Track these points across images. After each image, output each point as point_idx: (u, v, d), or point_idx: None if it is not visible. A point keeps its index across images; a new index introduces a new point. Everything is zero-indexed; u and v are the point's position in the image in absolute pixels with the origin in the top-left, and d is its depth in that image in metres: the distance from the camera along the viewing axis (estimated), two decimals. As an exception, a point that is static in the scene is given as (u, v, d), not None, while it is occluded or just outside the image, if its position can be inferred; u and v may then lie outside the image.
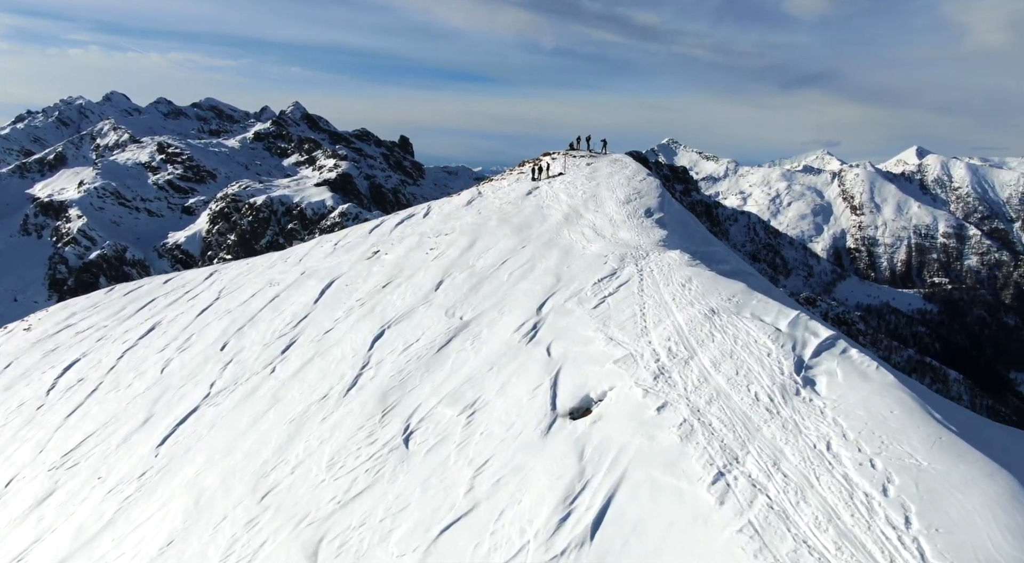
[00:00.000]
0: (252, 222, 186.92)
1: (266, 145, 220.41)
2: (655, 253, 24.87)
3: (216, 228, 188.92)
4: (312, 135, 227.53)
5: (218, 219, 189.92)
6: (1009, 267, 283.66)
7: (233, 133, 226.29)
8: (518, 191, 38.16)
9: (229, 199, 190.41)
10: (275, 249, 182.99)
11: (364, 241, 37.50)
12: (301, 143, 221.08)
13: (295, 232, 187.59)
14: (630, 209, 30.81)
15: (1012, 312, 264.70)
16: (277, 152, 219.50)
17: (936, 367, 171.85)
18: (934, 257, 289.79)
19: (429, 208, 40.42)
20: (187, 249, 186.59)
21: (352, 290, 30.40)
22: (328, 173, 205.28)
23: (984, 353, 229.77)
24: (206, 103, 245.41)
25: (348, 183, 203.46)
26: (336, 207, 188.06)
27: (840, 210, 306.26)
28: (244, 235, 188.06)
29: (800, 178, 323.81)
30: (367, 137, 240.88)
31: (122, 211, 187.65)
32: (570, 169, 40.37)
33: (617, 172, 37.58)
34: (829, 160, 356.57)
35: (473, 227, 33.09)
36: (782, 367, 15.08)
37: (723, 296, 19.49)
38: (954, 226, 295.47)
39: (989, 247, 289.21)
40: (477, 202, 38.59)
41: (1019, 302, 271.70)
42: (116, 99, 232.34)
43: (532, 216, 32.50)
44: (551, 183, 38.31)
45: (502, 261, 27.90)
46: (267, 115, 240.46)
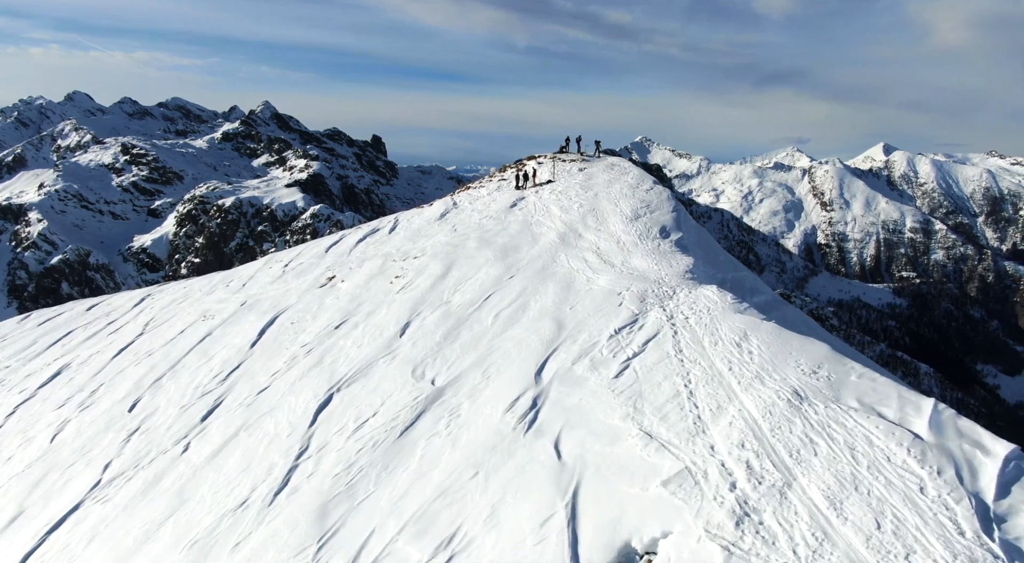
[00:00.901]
0: (221, 224, 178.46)
1: (235, 145, 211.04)
2: (684, 289, 18.74)
3: (183, 231, 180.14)
4: (282, 135, 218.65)
5: (185, 222, 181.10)
6: (974, 261, 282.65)
7: (201, 133, 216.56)
8: (500, 202, 31.91)
9: (197, 201, 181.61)
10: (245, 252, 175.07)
11: (318, 263, 30.95)
12: (271, 143, 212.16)
13: (265, 234, 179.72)
14: (640, 227, 24.71)
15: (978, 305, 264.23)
16: (246, 152, 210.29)
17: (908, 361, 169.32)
18: (902, 252, 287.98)
19: (396, 222, 33.96)
20: (153, 252, 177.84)
21: (298, 330, 23.92)
22: (299, 174, 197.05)
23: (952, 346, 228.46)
24: (173, 103, 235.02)
25: (320, 184, 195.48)
26: (307, 208, 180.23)
27: (811, 206, 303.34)
28: (213, 238, 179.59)
29: (771, 175, 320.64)
30: (339, 137, 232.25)
31: (85, 214, 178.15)
32: (560, 175, 34.28)
33: (617, 179, 31.50)
34: (799, 157, 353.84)
35: (448, 249, 26.75)
36: (956, 519, 9.00)
37: (803, 365, 13.40)
38: (921, 221, 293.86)
39: (954, 241, 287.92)
40: (452, 215, 32.23)
41: (984, 295, 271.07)
42: (79, 99, 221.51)
43: (520, 235, 26.26)
44: (539, 193, 32.11)
45: (484, 296, 21.60)
46: (236, 115, 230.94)
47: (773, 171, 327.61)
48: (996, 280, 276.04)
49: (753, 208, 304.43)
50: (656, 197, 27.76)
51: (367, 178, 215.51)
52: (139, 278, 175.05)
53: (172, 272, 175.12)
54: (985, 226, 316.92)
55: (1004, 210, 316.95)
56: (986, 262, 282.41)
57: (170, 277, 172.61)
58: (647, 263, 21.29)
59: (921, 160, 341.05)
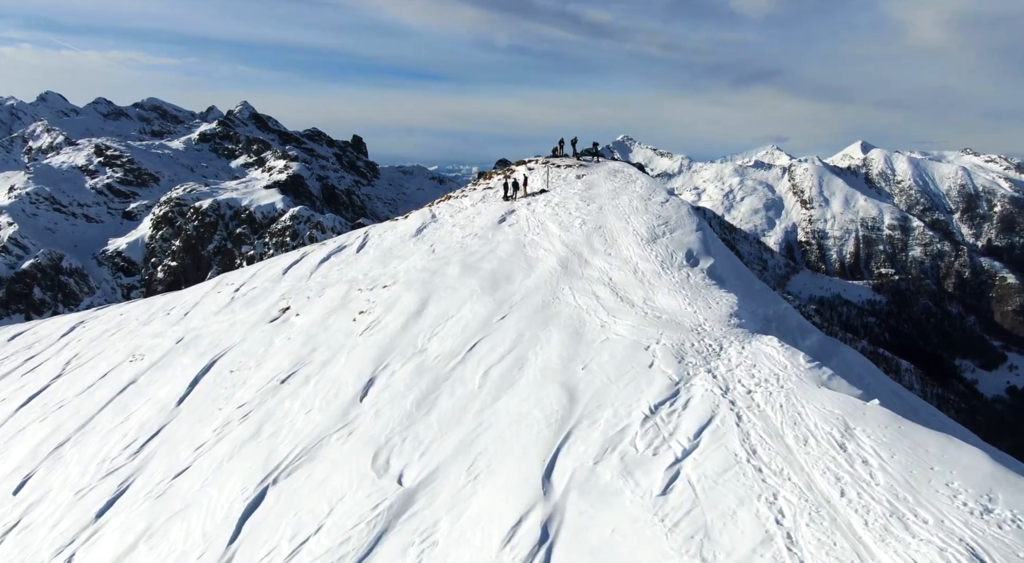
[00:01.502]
0: (198, 227, 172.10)
1: (213, 146, 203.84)
2: (734, 342, 13.86)
3: (160, 234, 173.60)
4: (261, 135, 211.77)
5: (162, 224, 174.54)
6: (951, 257, 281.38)
7: (177, 134, 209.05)
8: (486, 216, 26.90)
9: (173, 203, 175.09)
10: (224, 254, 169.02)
11: (273, 288, 25.78)
12: (250, 144, 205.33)
13: (244, 236, 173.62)
14: (661, 251, 19.83)
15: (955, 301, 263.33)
16: (224, 153, 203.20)
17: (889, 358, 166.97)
18: (881, 249, 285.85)
19: (366, 237, 28.84)
20: (129, 256, 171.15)
21: (237, 381, 18.81)
22: (278, 175, 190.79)
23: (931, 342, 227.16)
24: (149, 103, 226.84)
25: (299, 184, 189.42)
26: (287, 210, 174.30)
27: (791, 204, 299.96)
28: (190, 240, 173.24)
29: (752, 173, 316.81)
30: (319, 137, 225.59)
31: (57, 217, 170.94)
32: (555, 184, 29.43)
33: (623, 189, 26.61)
34: (779, 155, 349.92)
35: (424, 276, 21.72)
36: None
37: (962, 492, 8.57)
38: (898, 218, 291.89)
39: (932, 238, 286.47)
40: (430, 231, 27.17)
41: (961, 291, 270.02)
42: (51, 99, 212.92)
43: (512, 260, 21.30)
44: (531, 204, 27.13)
45: (469, 343, 16.60)
46: (214, 115, 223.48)
47: (754, 169, 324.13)
48: (972, 276, 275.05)
49: (734, 206, 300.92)
50: (675, 212, 22.88)
51: (348, 179, 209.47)
52: (114, 282, 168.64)
53: (148, 276, 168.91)
54: (961, 223, 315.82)
55: (979, 207, 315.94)
56: (962, 258, 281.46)
57: (146, 281, 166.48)
58: (677, 301, 16.37)
59: (898, 158, 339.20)
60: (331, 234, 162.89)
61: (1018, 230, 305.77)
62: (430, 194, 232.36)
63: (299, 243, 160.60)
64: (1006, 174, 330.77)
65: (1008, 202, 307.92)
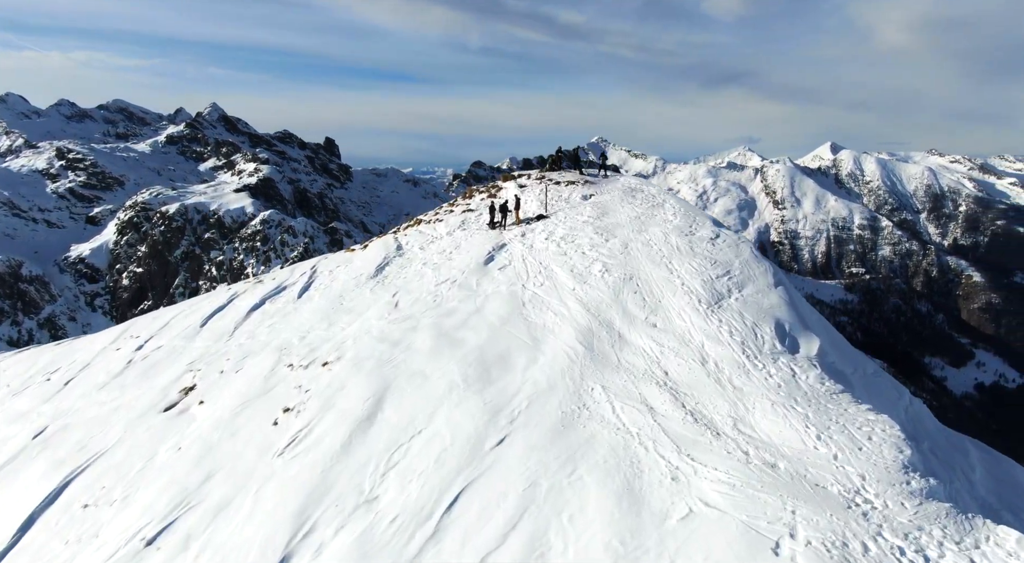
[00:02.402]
0: (165, 232, 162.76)
1: (180, 149, 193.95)
2: (943, 540, 7.23)
3: (125, 239, 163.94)
4: (231, 138, 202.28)
5: (127, 229, 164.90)
6: (918, 256, 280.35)
7: (144, 136, 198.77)
8: (468, 253, 19.98)
9: (139, 207, 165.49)
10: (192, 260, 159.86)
11: (184, 349, 18.67)
12: (219, 146, 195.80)
13: (213, 242, 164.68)
14: (735, 322, 13.07)
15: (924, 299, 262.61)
16: (193, 156, 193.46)
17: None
18: (851, 248, 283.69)
19: (312, 276, 21.81)
20: (92, 262, 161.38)
21: (86, 531, 11.79)
22: (248, 178, 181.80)
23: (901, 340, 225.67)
24: (114, 105, 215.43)
25: (270, 188, 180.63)
26: (257, 214, 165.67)
27: (763, 205, 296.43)
28: (156, 246, 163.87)
29: (725, 174, 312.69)
30: (290, 139, 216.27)
31: (16, 222, 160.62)
32: (556, 206, 22.75)
33: (650, 217, 19.98)
34: (751, 156, 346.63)
35: (382, 347, 14.79)
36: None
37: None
38: (868, 218, 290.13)
39: (900, 237, 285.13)
40: (394, 270, 20.21)
41: (929, 289, 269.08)
42: (12, 101, 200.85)
43: (507, 328, 14.43)
44: (527, 236, 20.31)
45: (447, 496, 9.80)
46: (182, 117, 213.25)
47: (727, 170, 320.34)
48: (940, 274, 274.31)
49: (708, 207, 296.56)
50: (734, 253, 16.11)
51: (320, 181, 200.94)
52: (77, 290, 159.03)
53: (113, 283, 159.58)
54: (927, 222, 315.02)
55: (945, 207, 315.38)
56: (930, 257, 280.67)
57: (111, 288, 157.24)
58: (793, 429, 9.55)
59: (867, 159, 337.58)
60: (303, 238, 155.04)
61: (982, 229, 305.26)
62: (405, 197, 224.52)
63: (270, 248, 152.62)
64: (970, 174, 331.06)
65: (972, 202, 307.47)
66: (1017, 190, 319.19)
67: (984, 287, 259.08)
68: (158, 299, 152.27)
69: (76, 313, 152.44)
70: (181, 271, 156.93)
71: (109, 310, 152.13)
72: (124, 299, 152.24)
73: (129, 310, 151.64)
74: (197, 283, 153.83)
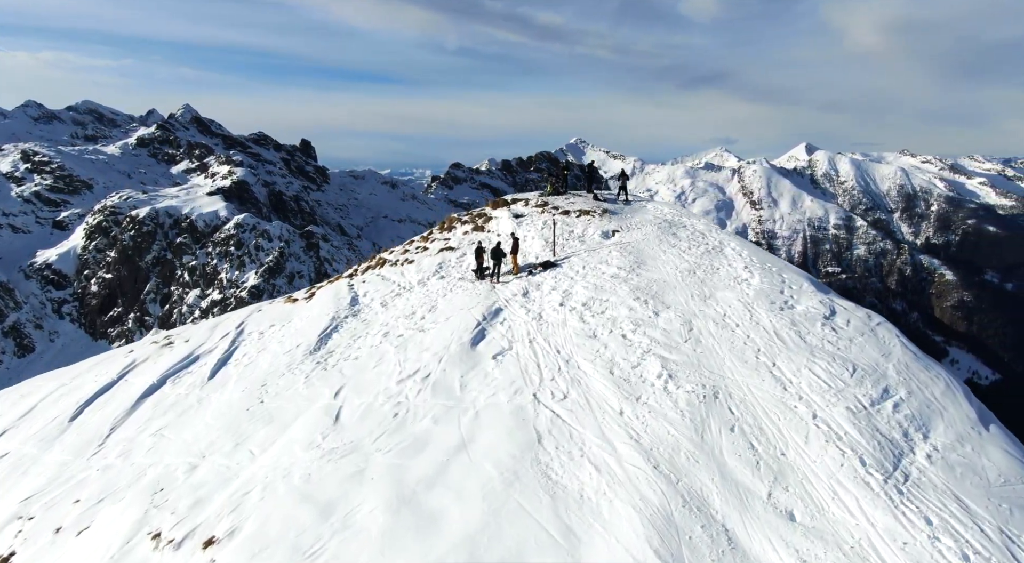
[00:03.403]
0: (135, 237, 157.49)
1: (151, 151, 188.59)
2: None
3: (93, 244, 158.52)
4: (204, 140, 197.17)
5: (95, 234, 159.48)
6: (892, 255, 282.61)
7: (113, 138, 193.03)
8: (449, 321, 15.56)
9: (108, 211, 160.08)
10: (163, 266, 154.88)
11: (33, 464, 14.05)
12: (191, 148, 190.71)
13: (185, 246, 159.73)
14: (959, 528, 7.76)
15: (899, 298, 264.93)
16: (164, 159, 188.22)
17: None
18: (827, 248, 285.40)
19: (236, 340, 17.69)
20: (60, 268, 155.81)
21: None
22: (222, 181, 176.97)
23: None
24: (83, 106, 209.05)
25: (244, 191, 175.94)
26: (231, 217, 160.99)
27: (741, 205, 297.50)
28: (126, 251, 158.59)
29: (703, 175, 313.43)
30: (265, 141, 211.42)
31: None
32: (567, 247, 18.21)
33: (711, 270, 15.49)
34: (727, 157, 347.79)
35: (302, 519, 10.16)
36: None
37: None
38: (843, 218, 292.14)
39: (874, 237, 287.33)
40: (342, 342, 15.82)
41: (903, 288, 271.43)
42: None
43: (515, 500, 9.65)
44: (530, 296, 16.04)
45: None
46: (154, 118, 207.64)
47: (704, 171, 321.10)
48: (913, 273, 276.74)
49: (686, 208, 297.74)
50: (874, 345, 12.25)
51: (296, 184, 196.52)
52: (43, 296, 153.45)
53: (81, 289, 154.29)
54: (901, 222, 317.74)
55: (917, 206, 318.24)
56: (903, 256, 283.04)
57: (79, 295, 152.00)
58: None
59: (841, 159, 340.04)
60: (278, 242, 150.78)
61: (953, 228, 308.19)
62: (383, 199, 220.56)
63: (244, 253, 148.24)
64: (941, 175, 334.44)
65: (944, 202, 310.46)
66: (987, 190, 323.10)
67: (956, 285, 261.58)
68: (128, 305, 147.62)
69: (42, 320, 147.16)
70: (152, 277, 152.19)
71: (77, 317, 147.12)
72: (93, 306, 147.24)
73: (98, 317, 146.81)
74: (169, 289, 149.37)
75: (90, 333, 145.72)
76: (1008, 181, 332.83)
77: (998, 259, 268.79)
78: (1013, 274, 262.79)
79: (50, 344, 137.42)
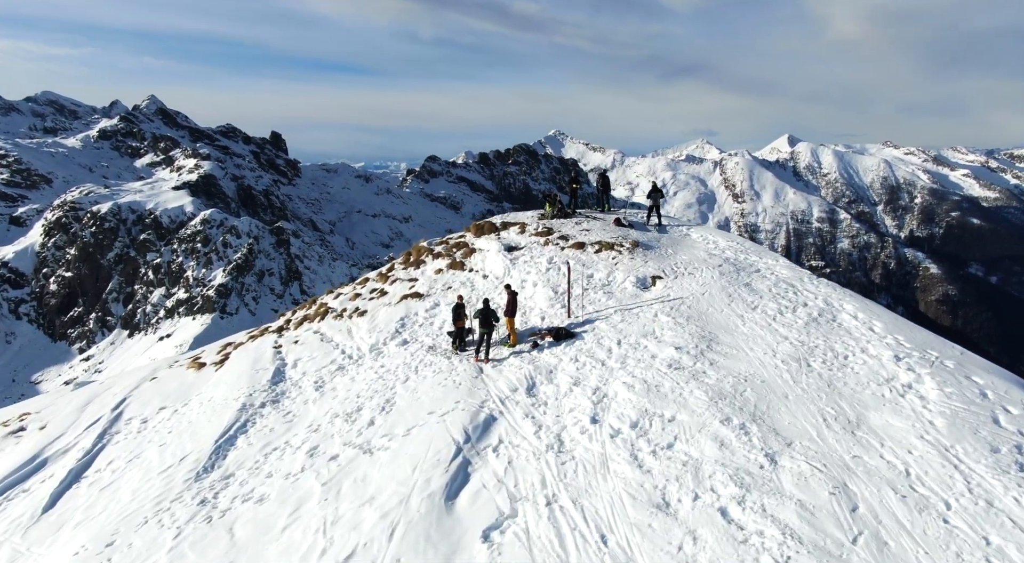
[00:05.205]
0: (96, 233, 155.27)
1: (114, 144, 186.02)
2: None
3: (52, 241, 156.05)
4: (170, 132, 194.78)
5: (55, 230, 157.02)
6: (877, 248, 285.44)
7: (74, 131, 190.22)
8: (412, 440, 11.04)
9: (68, 207, 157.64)
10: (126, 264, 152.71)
11: None
12: (156, 141, 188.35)
13: (149, 243, 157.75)
14: None
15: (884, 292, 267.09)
16: (128, 152, 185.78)
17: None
18: (810, 241, 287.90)
19: (104, 437, 13.79)
20: (17, 266, 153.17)
21: None
22: (188, 174, 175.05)
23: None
24: (43, 97, 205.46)
25: (212, 185, 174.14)
26: (197, 213, 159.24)
27: (723, 198, 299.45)
28: (87, 248, 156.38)
29: (684, 167, 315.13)
30: (234, 133, 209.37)
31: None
32: (587, 301, 13.37)
33: (841, 364, 10.56)
34: (709, 149, 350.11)
35: None
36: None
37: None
38: (826, 211, 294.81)
39: (858, 230, 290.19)
40: (247, 463, 11.33)
41: (888, 282, 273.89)
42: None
43: None
44: (538, 392, 11.49)
45: None
46: (117, 110, 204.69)
47: (686, 164, 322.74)
48: (898, 266, 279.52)
49: (668, 201, 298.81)
50: None
51: (266, 178, 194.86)
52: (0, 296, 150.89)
53: (40, 288, 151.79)
54: (884, 214, 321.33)
55: (901, 198, 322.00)
56: (888, 250, 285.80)
57: (37, 294, 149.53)
58: None
59: (824, 151, 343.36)
60: (247, 239, 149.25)
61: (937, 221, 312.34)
62: (356, 193, 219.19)
63: (211, 250, 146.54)
64: (924, 166, 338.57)
65: (928, 194, 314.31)
66: (970, 181, 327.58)
67: (941, 279, 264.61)
68: (90, 305, 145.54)
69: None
70: (115, 275, 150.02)
71: (36, 317, 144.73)
72: (52, 306, 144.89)
73: (58, 317, 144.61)
74: (132, 287, 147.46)
75: (49, 334, 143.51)
76: (992, 172, 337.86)
77: (982, 252, 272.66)
78: (998, 267, 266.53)
79: (7, 346, 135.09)
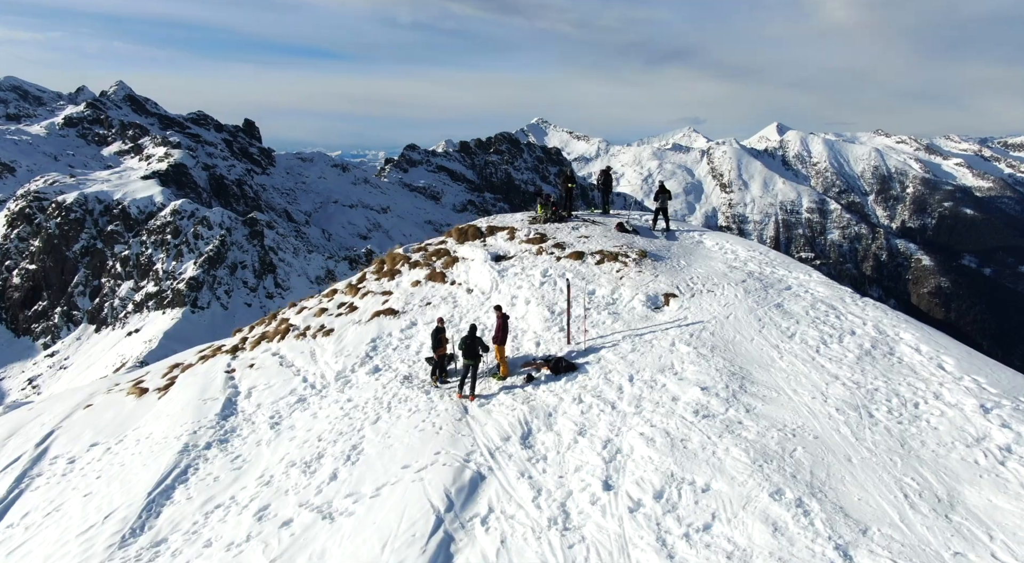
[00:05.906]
0: (61, 224, 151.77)
1: (80, 132, 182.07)
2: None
3: (16, 233, 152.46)
4: (138, 119, 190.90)
5: (18, 222, 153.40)
6: (868, 240, 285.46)
7: (39, 118, 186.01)
8: (383, 490, 9.36)
9: (31, 197, 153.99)
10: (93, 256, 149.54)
11: None
12: (124, 129, 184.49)
13: (117, 235, 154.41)
14: None
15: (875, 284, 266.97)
16: (95, 140, 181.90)
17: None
18: (800, 232, 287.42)
19: (23, 479, 12.85)
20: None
21: None
22: (158, 163, 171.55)
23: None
24: (6, 82, 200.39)
25: (182, 174, 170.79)
26: (167, 203, 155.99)
27: (711, 188, 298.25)
28: (52, 240, 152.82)
29: (670, 156, 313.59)
30: (205, 121, 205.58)
31: None
32: (590, 324, 11.30)
33: (912, 417, 8.87)
34: (696, 137, 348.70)
35: None
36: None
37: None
38: (816, 201, 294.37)
39: (849, 221, 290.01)
40: (186, 520, 9.74)
41: (879, 273, 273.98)
42: None
43: None
44: (536, 442, 9.69)
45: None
46: (84, 96, 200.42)
47: (672, 152, 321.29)
48: (889, 258, 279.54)
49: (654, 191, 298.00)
50: None
51: (239, 167, 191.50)
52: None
53: (3, 281, 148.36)
54: (876, 204, 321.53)
55: (892, 188, 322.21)
56: (879, 241, 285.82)
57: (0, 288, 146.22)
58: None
59: (814, 139, 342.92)
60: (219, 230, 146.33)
61: (929, 211, 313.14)
62: (333, 183, 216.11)
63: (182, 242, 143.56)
64: (916, 155, 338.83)
65: (920, 183, 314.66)
66: (963, 171, 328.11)
67: (933, 271, 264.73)
68: (55, 299, 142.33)
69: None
70: (81, 268, 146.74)
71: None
72: (15, 300, 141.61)
73: (21, 311, 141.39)
74: (99, 281, 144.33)
75: (12, 329, 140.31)
76: (985, 161, 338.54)
77: (976, 243, 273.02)
78: (991, 259, 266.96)
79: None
